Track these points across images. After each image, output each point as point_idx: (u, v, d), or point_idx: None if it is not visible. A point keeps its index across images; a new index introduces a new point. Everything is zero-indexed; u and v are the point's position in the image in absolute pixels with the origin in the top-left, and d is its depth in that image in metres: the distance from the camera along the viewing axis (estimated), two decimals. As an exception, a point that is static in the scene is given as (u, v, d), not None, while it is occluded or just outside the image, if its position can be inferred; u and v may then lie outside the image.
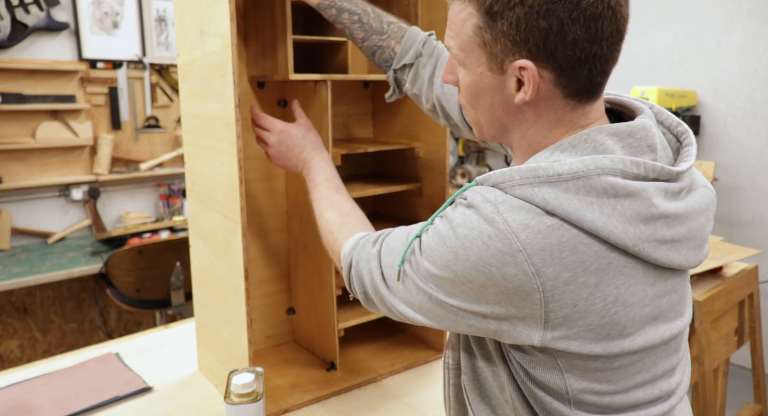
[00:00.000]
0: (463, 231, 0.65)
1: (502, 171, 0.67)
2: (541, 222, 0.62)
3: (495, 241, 0.63)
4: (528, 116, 0.72)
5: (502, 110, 0.73)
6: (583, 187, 0.63)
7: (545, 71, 0.67)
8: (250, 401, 0.95)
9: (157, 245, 2.58)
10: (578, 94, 0.69)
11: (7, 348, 3.00)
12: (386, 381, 1.35)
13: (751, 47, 3.30)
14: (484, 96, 0.73)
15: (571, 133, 0.71)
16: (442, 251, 0.67)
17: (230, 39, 1.02)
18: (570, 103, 0.69)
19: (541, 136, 0.72)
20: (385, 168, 1.57)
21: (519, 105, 0.71)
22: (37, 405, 1.23)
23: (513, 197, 0.64)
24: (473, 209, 0.66)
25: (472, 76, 0.73)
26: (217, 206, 1.17)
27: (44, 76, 3.13)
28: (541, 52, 0.65)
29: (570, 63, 0.66)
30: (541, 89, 0.68)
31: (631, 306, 0.65)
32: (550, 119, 0.71)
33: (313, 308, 1.42)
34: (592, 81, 0.68)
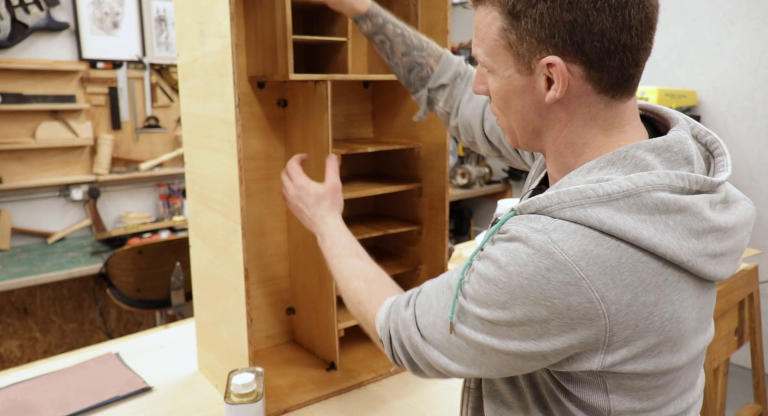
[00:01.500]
0: (516, 269, 0.62)
1: (547, 195, 0.64)
2: (599, 246, 0.60)
3: (555, 273, 0.60)
4: (560, 116, 0.70)
5: (533, 112, 0.71)
6: (635, 204, 0.61)
7: (574, 66, 0.65)
8: (250, 401, 0.95)
9: (157, 245, 2.58)
10: (611, 89, 0.67)
11: (7, 348, 3.00)
12: (386, 381, 1.35)
13: (751, 47, 3.30)
14: (515, 99, 0.71)
15: (606, 135, 0.69)
16: (496, 294, 0.64)
17: (230, 39, 1.02)
18: (603, 99, 0.68)
19: (575, 135, 0.70)
20: (385, 168, 1.57)
21: (550, 105, 0.69)
22: (37, 405, 1.23)
23: (565, 221, 0.62)
24: (519, 242, 0.62)
25: (501, 80, 0.71)
26: (217, 206, 1.17)
27: (44, 76, 3.13)
28: (568, 47, 0.64)
29: (599, 55, 0.64)
30: (571, 86, 0.66)
31: (683, 322, 0.64)
32: (584, 118, 0.69)
33: (313, 308, 1.42)
34: (625, 73, 0.66)
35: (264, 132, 1.41)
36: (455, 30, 5.56)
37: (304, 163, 1.14)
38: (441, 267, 1.42)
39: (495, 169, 5.48)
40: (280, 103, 1.41)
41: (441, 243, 1.41)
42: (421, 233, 1.46)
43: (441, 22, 1.31)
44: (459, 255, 2.25)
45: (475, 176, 5.03)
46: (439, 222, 1.41)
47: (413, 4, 1.36)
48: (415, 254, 1.50)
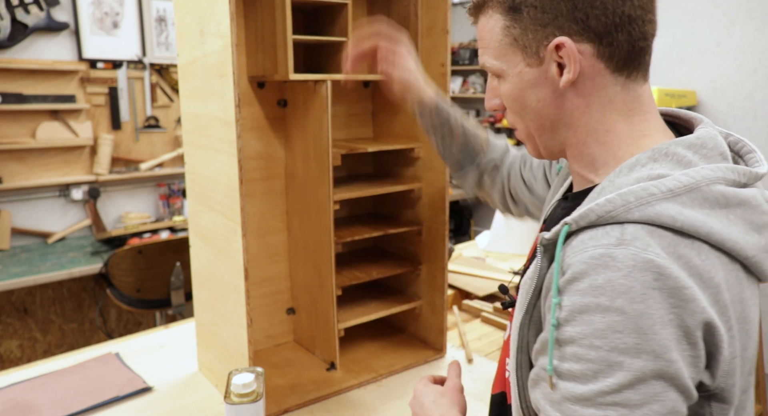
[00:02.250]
0: (625, 301, 0.53)
1: (607, 199, 0.58)
2: (678, 245, 0.56)
3: (665, 280, 0.53)
4: (577, 103, 0.67)
5: (550, 105, 0.68)
6: (698, 199, 0.58)
7: (583, 45, 0.64)
8: (250, 401, 0.95)
9: (157, 245, 2.58)
10: (625, 66, 0.65)
11: (7, 348, 3.00)
12: (386, 381, 1.35)
13: (751, 47, 3.30)
14: (529, 96, 0.69)
15: (628, 121, 0.67)
16: (622, 343, 0.53)
17: (230, 39, 1.02)
18: (618, 80, 0.66)
19: (595, 122, 0.67)
20: (385, 168, 1.57)
21: (565, 92, 0.67)
22: (37, 405, 1.23)
23: (637, 225, 0.56)
24: (602, 271, 0.55)
25: (512, 80, 0.70)
26: (217, 206, 1.17)
27: (44, 76, 3.13)
28: (573, 25, 0.63)
29: (606, 28, 0.63)
30: (584, 66, 0.65)
31: (749, 323, 0.60)
32: (601, 101, 0.66)
33: (313, 308, 1.42)
34: (635, 47, 0.64)
35: (264, 132, 1.41)
36: (455, 30, 5.56)
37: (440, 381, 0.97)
38: (441, 267, 1.42)
39: (495, 169, 5.47)
40: (280, 103, 1.41)
41: (441, 243, 1.41)
42: (421, 233, 1.46)
43: (441, 22, 1.31)
44: (459, 255, 2.25)
45: (475, 176, 5.02)
46: (439, 222, 1.41)
47: (413, 4, 1.36)
48: (415, 254, 1.50)
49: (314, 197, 1.33)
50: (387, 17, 1.44)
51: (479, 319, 1.68)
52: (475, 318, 1.70)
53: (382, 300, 1.50)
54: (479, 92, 5.36)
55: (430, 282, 1.46)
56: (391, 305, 1.46)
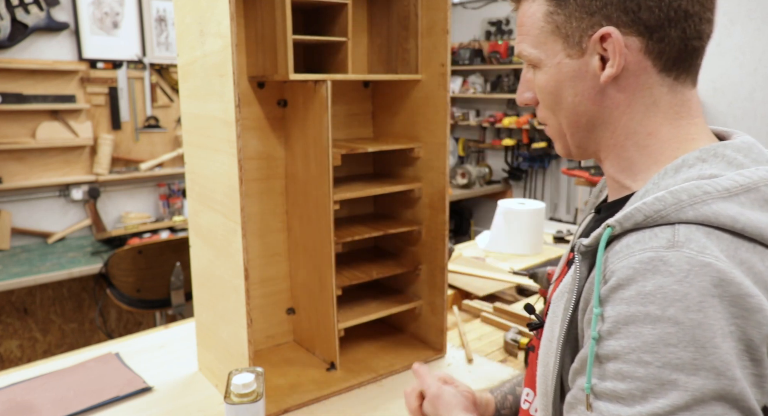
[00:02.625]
0: (678, 310, 0.47)
1: (656, 197, 0.53)
2: (739, 249, 0.51)
3: (726, 286, 0.48)
4: (618, 100, 0.62)
5: (588, 100, 0.63)
6: (756, 199, 0.53)
7: (631, 38, 0.59)
8: (250, 401, 0.95)
9: (157, 245, 2.58)
10: (674, 67, 0.60)
11: (7, 348, 3.00)
12: (386, 381, 1.35)
13: (751, 47, 3.30)
14: (566, 89, 0.64)
15: (674, 124, 0.61)
16: (676, 358, 0.47)
17: (230, 39, 1.02)
18: (666, 81, 0.61)
19: (637, 124, 0.62)
20: (385, 168, 1.57)
21: (606, 88, 0.62)
22: (37, 405, 1.22)
23: (691, 225, 0.51)
24: (652, 276, 0.49)
25: (549, 71, 0.65)
26: (217, 206, 1.17)
27: (44, 76, 3.13)
28: (622, 16, 0.58)
29: (658, 22, 0.57)
30: (629, 61, 0.60)
31: None
32: (645, 102, 0.61)
33: (313, 308, 1.42)
34: (688, 46, 0.59)
35: (264, 132, 1.41)
36: (455, 30, 5.56)
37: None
38: (441, 267, 1.42)
39: (495, 169, 5.48)
40: (280, 103, 1.41)
41: (441, 243, 1.41)
42: (421, 233, 1.46)
43: (441, 22, 1.31)
44: (459, 255, 2.25)
45: (475, 176, 5.03)
46: (439, 222, 1.40)
47: (413, 4, 1.36)
48: (415, 254, 1.50)
49: (314, 197, 1.33)
50: (387, 17, 1.44)
51: (479, 319, 1.68)
52: (475, 318, 1.70)
53: (382, 300, 1.50)
54: (479, 92, 5.36)
55: (430, 282, 1.46)
56: (391, 305, 1.46)
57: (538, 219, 2.34)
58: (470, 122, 5.52)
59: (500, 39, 5.24)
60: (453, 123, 5.55)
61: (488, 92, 5.34)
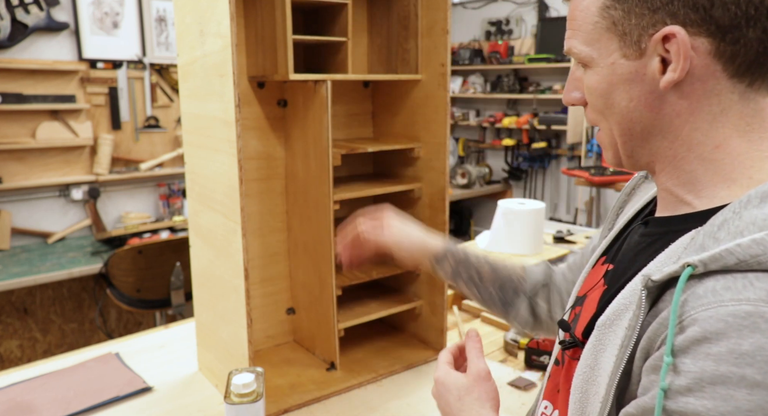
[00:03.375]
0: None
1: (754, 239, 0.46)
2: None
3: None
4: (680, 108, 0.55)
5: (644, 106, 0.57)
6: None
7: (699, 39, 0.52)
8: (250, 401, 0.95)
9: (157, 245, 2.58)
10: (748, 72, 0.53)
11: (7, 348, 3.00)
12: (386, 381, 1.35)
13: (751, 47, 3.30)
14: (620, 92, 0.58)
15: (745, 137, 0.55)
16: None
17: (230, 39, 1.02)
18: (737, 87, 0.54)
19: (701, 134, 0.55)
20: (385, 168, 1.57)
21: (665, 94, 0.55)
22: (37, 405, 1.22)
23: None
24: (751, 334, 0.43)
25: (601, 71, 0.59)
26: (217, 206, 1.18)
27: (44, 76, 3.13)
28: (691, 14, 0.51)
29: (734, 20, 0.50)
30: (695, 66, 0.53)
31: None
32: (712, 111, 0.54)
33: (313, 308, 1.42)
34: (767, 49, 0.52)
35: (264, 132, 1.41)
36: (455, 30, 5.56)
37: (461, 353, 0.84)
38: (441, 267, 1.42)
39: (495, 169, 5.48)
40: (280, 103, 1.41)
41: (441, 243, 1.41)
42: (421, 233, 1.46)
43: (441, 22, 1.31)
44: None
45: (475, 176, 5.03)
46: (439, 222, 1.40)
47: (413, 4, 1.36)
48: (415, 254, 1.49)
49: (314, 197, 1.33)
50: (387, 17, 1.44)
51: (479, 319, 1.68)
52: (475, 318, 1.70)
53: (382, 300, 1.50)
54: (479, 92, 5.36)
55: (430, 282, 1.46)
56: (391, 305, 1.46)
57: (538, 219, 2.33)
58: (470, 122, 5.52)
59: (500, 39, 5.25)
60: (453, 123, 5.56)
61: (488, 92, 5.34)
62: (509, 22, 5.20)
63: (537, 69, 4.94)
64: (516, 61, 4.97)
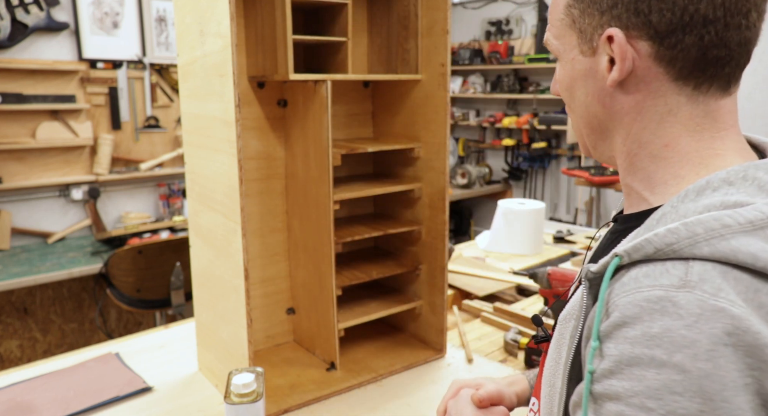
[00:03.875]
0: (686, 356, 0.44)
1: (669, 229, 0.49)
2: (759, 292, 0.46)
3: (741, 335, 0.44)
4: (627, 106, 0.58)
5: (597, 102, 0.60)
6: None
7: (640, 42, 0.54)
8: (250, 401, 0.95)
9: (157, 245, 2.58)
10: (691, 76, 0.55)
11: (7, 348, 3.00)
12: (386, 381, 1.35)
13: (751, 47, 3.30)
14: (578, 87, 0.61)
15: (695, 137, 0.56)
16: (679, 406, 0.44)
17: (230, 39, 1.02)
18: (684, 90, 0.56)
19: (650, 133, 0.58)
20: (385, 168, 1.57)
21: (614, 92, 0.58)
22: (37, 405, 1.23)
23: (706, 263, 0.47)
24: (659, 317, 0.45)
25: (565, 66, 0.62)
26: (217, 206, 1.18)
27: (44, 76, 3.13)
28: (632, 17, 0.54)
29: (669, 26, 0.53)
30: (637, 67, 0.55)
31: None
32: (659, 111, 0.57)
33: (313, 308, 1.42)
34: (707, 55, 0.53)
35: (264, 132, 1.41)
36: (455, 30, 5.56)
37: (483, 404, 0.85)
38: (441, 267, 1.42)
39: (495, 169, 5.48)
40: (280, 103, 1.41)
41: (441, 243, 1.41)
42: (421, 233, 1.46)
43: (441, 22, 1.31)
44: (459, 255, 2.25)
45: (475, 176, 5.03)
46: (439, 222, 1.40)
47: (413, 4, 1.36)
48: (415, 254, 1.50)
49: (314, 197, 1.33)
50: (387, 17, 1.44)
51: (479, 319, 1.68)
52: (475, 318, 1.70)
53: (382, 300, 1.50)
54: (479, 92, 5.36)
55: (430, 282, 1.46)
56: (391, 305, 1.46)
57: (538, 219, 2.34)
58: (470, 122, 5.52)
59: (500, 39, 5.24)
60: (453, 123, 5.56)
61: (488, 92, 5.34)
62: (509, 22, 5.20)
63: (537, 69, 4.94)
64: (516, 61, 4.98)
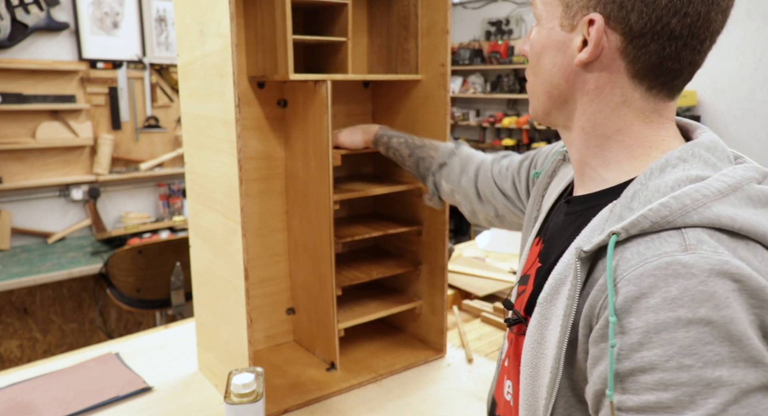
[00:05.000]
0: (709, 311, 0.48)
1: (661, 203, 0.54)
2: (738, 248, 0.52)
3: (747, 282, 0.49)
4: (588, 87, 0.64)
5: (561, 75, 0.65)
6: (744, 198, 0.55)
7: (614, 35, 0.60)
8: (250, 401, 0.95)
9: (157, 245, 2.58)
10: (646, 77, 0.61)
11: (7, 348, 3.00)
12: (386, 381, 1.35)
13: (751, 47, 3.30)
14: (548, 55, 0.66)
15: (646, 124, 0.63)
16: (712, 353, 0.47)
17: (230, 39, 1.02)
18: (638, 87, 0.62)
19: (605, 118, 0.64)
20: (385, 168, 1.57)
21: (579, 70, 0.63)
22: (37, 405, 1.23)
23: (698, 229, 0.52)
24: (674, 280, 0.49)
25: (543, 31, 0.66)
26: (217, 206, 1.18)
27: (44, 76, 3.13)
28: (615, 9, 0.59)
29: (642, 30, 0.58)
30: (604, 53, 0.61)
31: None
32: (615, 99, 0.63)
33: (313, 308, 1.42)
34: (663, 64, 0.60)
35: (264, 132, 1.41)
36: (455, 30, 5.56)
37: None
38: (441, 267, 1.42)
39: (495, 169, 5.47)
40: (280, 103, 1.41)
41: (441, 243, 1.41)
42: (421, 233, 1.46)
43: (441, 22, 1.31)
44: (459, 255, 2.25)
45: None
46: (439, 222, 1.41)
47: (413, 4, 1.36)
48: (415, 254, 1.50)
49: (314, 197, 1.33)
50: (387, 17, 1.44)
51: (479, 319, 1.68)
52: (475, 318, 1.70)
53: (382, 300, 1.50)
54: (479, 92, 5.36)
55: (430, 282, 1.46)
56: (391, 305, 1.46)
57: (538, 219, 2.33)
58: (470, 122, 5.52)
59: (500, 39, 5.24)
60: (453, 123, 5.55)
61: (488, 92, 5.34)
62: (509, 22, 5.20)
63: (537, 69, 4.93)
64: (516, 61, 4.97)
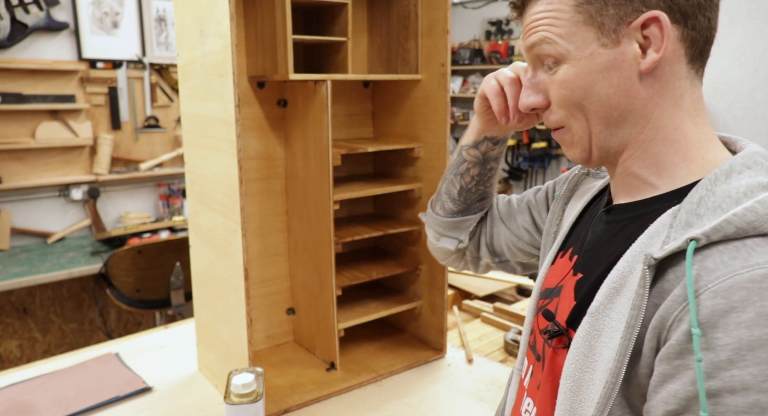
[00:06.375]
0: None
1: (747, 208, 0.51)
2: None
3: None
4: (653, 91, 0.60)
5: (622, 92, 0.61)
6: None
7: (671, 23, 0.58)
8: (250, 401, 0.95)
9: (157, 245, 2.58)
10: (698, 57, 0.60)
11: (7, 348, 3.00)
12: (386, 381, 1.35)
13: (751, 47, 3.30)
14: (600, 81, 0.61)
15: (693, 121, 0.61)
16: None
17: (230, 39, 1.02)
18: (690, 73, 0.61)
19: (666, 118, 0.61)
20: (385, 168, 1.57)
21: (643, 78, 0.60)
22: (37, 405, 1.22)
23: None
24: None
25: (579, 63, 0.61)
26: (217, 206, 1.17)
27: (44, 76, 3.13)
28: (660, 1, 0.57)
29: (692, 8, 0.57)
30: (667, 48, 0.58)
31: None
32: (674, 94, 0.61)
33: (313, 308, 1.42)
34: (710, 36, 0.59)
35: (264, 132, 1.41)
36: (455, 30, 5.56)
37: None
38: (441, 267, 1.42)
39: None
40: (280, 103, 1.41)
41: (441, 243, 1.41)
42: (421, 233, 1.46)
43: (441, 22, 1.31)
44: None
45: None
46: (439, 222, 1.40)
47: (413, 4, 1.36)
48: (415, 254, 1.50)
49: (314, 197, 1.33)
50: (387, 17, 1.44)
51: (479, 319, 1.68)
52: (475, 318, 1.70)
53: (382, 300, 1.50)
54: (479, 92, 5.36)
55: (430, 282, 1.46)
56: (391, 305, 1.46)
57: (538, 219, 2.33)
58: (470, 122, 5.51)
59: (500, 39, 5.24)
60: (453, 123, 5.55)
61: (488, 92, 5.33)
62: (509, 22, 5.20)
63: (537, 69, 4.94)
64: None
